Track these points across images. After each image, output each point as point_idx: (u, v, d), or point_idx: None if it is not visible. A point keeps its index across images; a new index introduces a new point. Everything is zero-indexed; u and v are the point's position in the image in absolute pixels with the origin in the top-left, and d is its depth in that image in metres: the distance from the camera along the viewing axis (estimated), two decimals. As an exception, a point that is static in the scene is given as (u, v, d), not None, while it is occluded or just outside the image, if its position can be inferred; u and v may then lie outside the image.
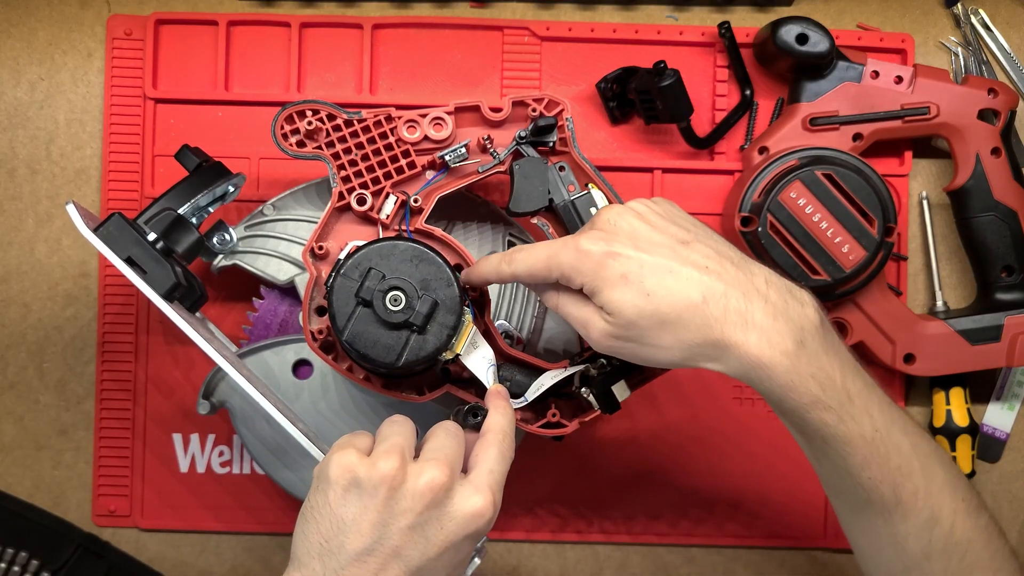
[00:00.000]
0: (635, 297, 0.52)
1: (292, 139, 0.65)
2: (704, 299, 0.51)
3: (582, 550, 0.78)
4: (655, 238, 0.53)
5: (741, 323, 0.51)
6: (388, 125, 0.65)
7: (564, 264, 0.54)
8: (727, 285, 0.52)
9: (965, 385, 0.77)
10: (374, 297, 0.59)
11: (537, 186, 0.65)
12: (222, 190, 0.67)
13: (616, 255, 0.52)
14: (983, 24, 0.79)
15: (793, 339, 0.51)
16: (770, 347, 0.51)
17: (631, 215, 0.54)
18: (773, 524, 0.78)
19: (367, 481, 0.51)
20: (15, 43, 0.78)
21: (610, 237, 0.53)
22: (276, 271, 0.70)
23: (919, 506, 0.55)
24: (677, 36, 0.78)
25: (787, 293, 0.53)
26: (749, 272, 0.53)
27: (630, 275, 0.52)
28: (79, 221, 0.60)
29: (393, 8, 0.79)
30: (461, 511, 0.52)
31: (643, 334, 0.52)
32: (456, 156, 0.65)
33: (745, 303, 0.51)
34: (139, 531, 0.77)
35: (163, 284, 0.60)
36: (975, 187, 0.75)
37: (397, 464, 0.51)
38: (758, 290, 0.52)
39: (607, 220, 0.54)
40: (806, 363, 0.51)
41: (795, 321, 0.52)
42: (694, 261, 0.52)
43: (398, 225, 0.65)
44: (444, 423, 0.57)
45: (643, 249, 0.52)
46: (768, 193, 0.71)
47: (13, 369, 0.78)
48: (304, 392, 0.70)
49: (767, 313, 0.51)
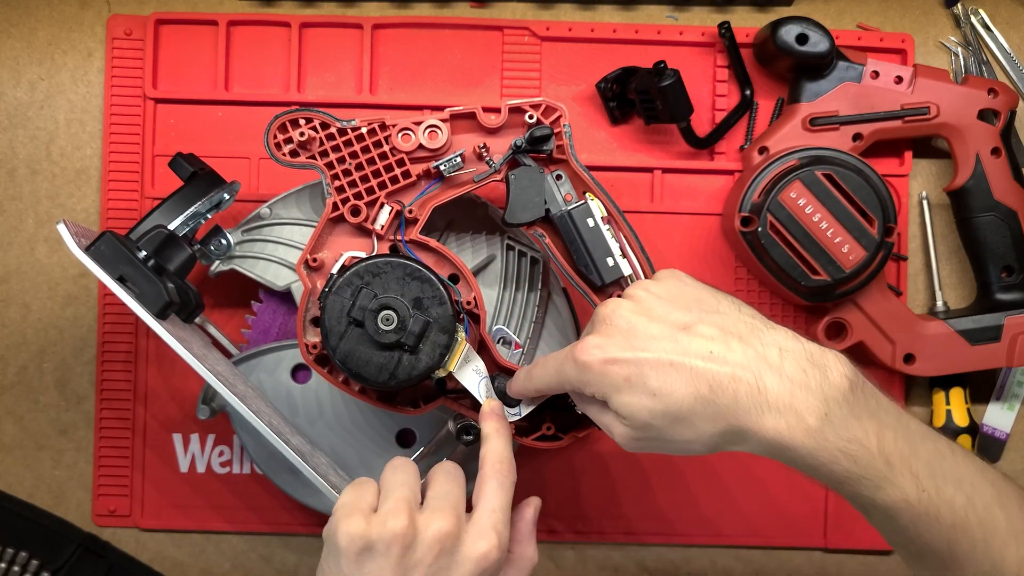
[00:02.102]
0: (642, 399, 0.50)
1: (285, 148, 0.64)
2: (711, 389, 0.49)
3: (582, 550, 0.78)
4: (653, 330, 0.51)
5: (754, 407, 0.49)
6: (382, 133, 0.64)
7: (571, 379, 0.53)
8: (734, 368, 0.49)
9: (965, 385, 0.77)
10: (366, 317, 0.58)
11: (533, 196, 0.64)
12: (217, 199, 0.67)
13: (615, 361, 0.51)
14: (983, 24, 0.79)
15: (815, 414, 0.49)
16: (788, 428, 0.48)
17: (628, 308, 0.53)
18: (773, 524, 0.78)
19: (379, 542, 0.51)
20: (15, 43, 0.78)
21: (606, 341, 0.52)
22: (274, 276, 0.70)
23: (978, 559, 0.52)
24: (677, 36, 0.78)
25: (806, 361, 0.50)
26: (760, 345, 0.50)
27: (632, 378, 0.50)
28: (70, 241, 0.59)
29: (393, 8, 0.79)
30: (470, 556, 0.53)
31: (662, 433, 0.51)
32: (451, 166, 0.64)
33: (756, 383, 0.49)
34: (139, 531, 0.77)
35: (155, 303, 0.60)
36: (975, 187, 0.75)
37: (406, 522, 0.52)
38: (771, 365, 0.49)
39: (603, 319, 0.53)
40: (833, 437, 0.49)
41: (817, 393, 0.49)
42: (696, 349, 0.50)
43: (393, 235, 0.64)
44: (443, 464, 0.57)
45: (640, 347, 0.51)
46: (768, 193, 0.71)
47: (13, 369, 0.78)
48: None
49: (782, 390, 0.49)
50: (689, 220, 0.78)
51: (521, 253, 0.69)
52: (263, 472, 0.72)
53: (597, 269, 0.64)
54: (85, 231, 0.63)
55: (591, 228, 0.64)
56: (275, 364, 0.70)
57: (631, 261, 0.64)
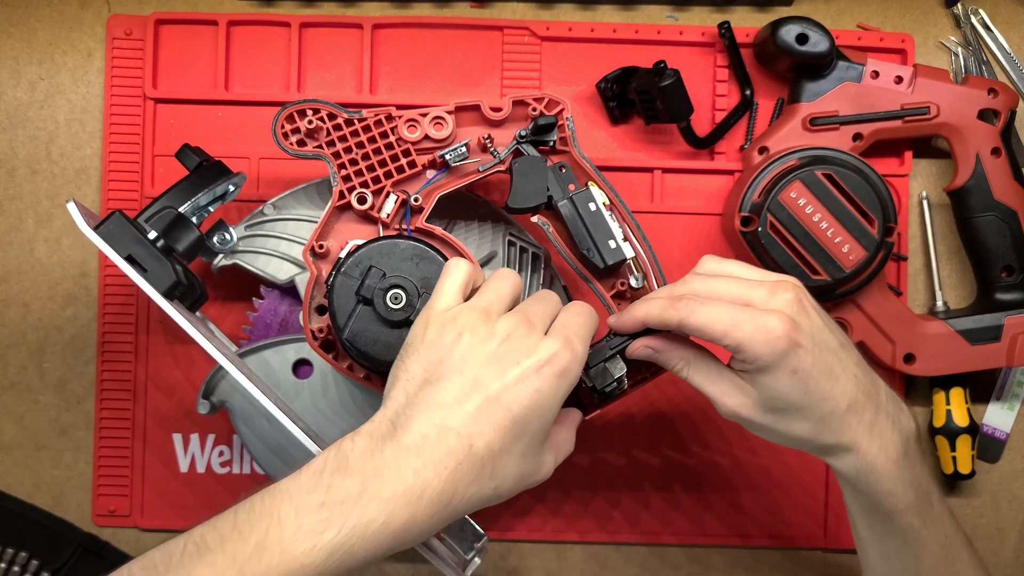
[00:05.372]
0: (796, 392, 0.55)
1: (292, 138, 0.65)
2: (849, 407, 0.56)
3: (582, 550, 0.78)
4: (826, 340, 0.56)
5: (868, 432, 0.56)
6: (388, 124, 0.65)
7: (747, 337, 0.54)
8: (867, 396, 0.56)
9: (965, 385, 0.77)
10: (375, 295, 0.60)
11: (536, 183, 0.65)
12: (222, 189, 0.67)
13: (798, 346, 0.54)
14: (983, 24, 0.79)
15: (900, 449, 0.57)
16: (885, 456, 0.56)
17: (806, 311, 0.56)
18: (773, 524, 0.78)
19: (464, 311, 0.54)
20: (15, 43, 0.78)
21: (795, 327, 0.54)
22: (276, 270, 0.70)
23: None
24: (677, 36, 0.78)
25: (896, 405, 0.58)
26: (876, 384, 0.58)
27: (800, 370, 0.54)
28: (80, 219, 0.60)
29: (393, 8, 0.79)
30: (541, 352, 0.53)
31: (781, 422, 0.57)
32: (456, 155, 0.65)
33: (874, 414, 0.56)
34: (139, 531, 0.77)
35: (164, 282, 0.61)
36: (975, 187, 0.75)
37: (491, 301, 0.55)
38: (882, 402, 0.57)
39: (787, 302, 0.55)
40: (908, 471, 0.57)
41: (903, 432, 0.57)
42: (850, 369, 0.56)
43: (398, 224, 0.65)
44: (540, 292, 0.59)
45: (817, 350, 0.55)
46: (768, 193, 0.71)
47: (13, 369, 0.78)
48: (304, 391, 0.70)
49: (886, 425, 0.57)
50: (689, 220, 0.78)
51: (523, 249, 0.70)
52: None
53: (599, 251, 0.65)
54: (94, 214, 0.64)
55: (593, 212, 0.65)
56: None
57: (633, 244, 0.66)
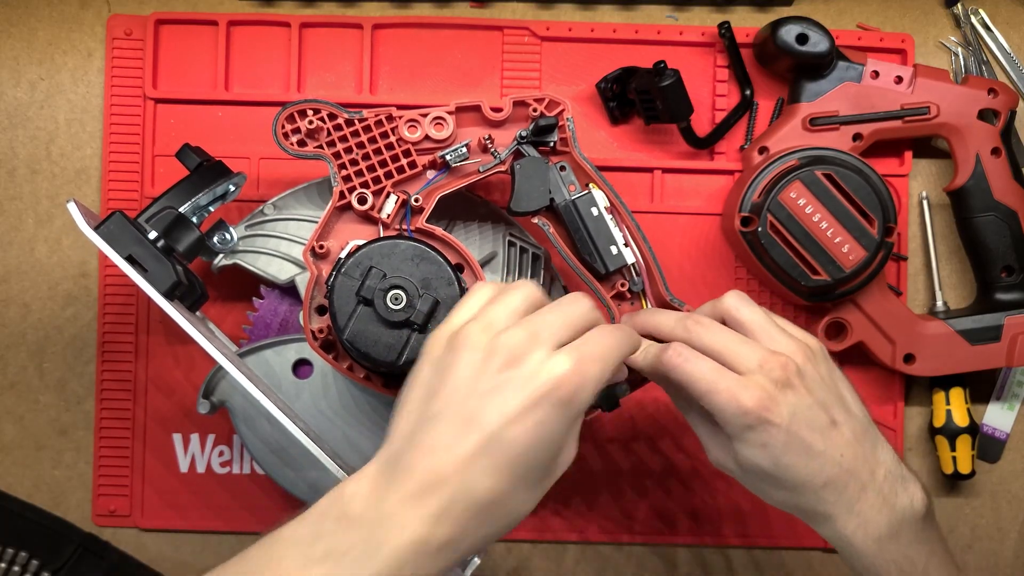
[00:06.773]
0: (766, 462, 0.55)
1: (293, 138, 0.65)
2: (825, 484, 0.55)
3: (582, 550, 0.78)
4: (812, 418, 0.55)
5: (848, 509, 0.55)
6: (389, 125, 0.65)
7: (720, 404, 0.54)
8: (852, 474, 0.55)
9: (965, 385, 0.77)
10: (375, 296, 0.60)
11: (538, 186, 0.65)
12: (223, 189, 0.67)
13: (768, 424, 0.54)
14: (983, 24, 0.79)
15: (889, 528, 0.56)
16: (864, 534, 0.56)
17: (793, 387, 0.55)
18: (773, 524, 0.78)
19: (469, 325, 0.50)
20: (15, 43, 0.78)
21: (771, 404, 0.54)
22: (277, 271, 0.70)
23: None
24: (677, 36, 0.78)
25: (900, 485, 0.57)
26: (875, 461, 0.56)
27: (769, 445, 0.54)
28: (80, 219, 0.60)
29: (393, 8, 0.79)
30: (544, 373, 0.48)
31: (758, 484, 0.58)
32: (457, 156, 0.65)
33: (859, 493, 0.55)
34: (139, 531, 0.77)
35: (164, 282, 0.60)
36: (975, 187, 0.75)
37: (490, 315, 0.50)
38: (875, 481, 0.56)
39: (775, 375, 0.55)
40: (893, 550, 0.56)
41: (898, 513, 0.56)
42: (836, 449, 0.55)
43: (399, 224, 0.65)
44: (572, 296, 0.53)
45: (795, 428, 0.54)
46: (768, 193, 0.71)
47: (13, 369, 0.78)
48: (304, 391, 0.70)
49: (874, 506, 0.56)
50: (689, 220, 0.78)
51: (523, 249, 0.70)
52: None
53: (601, 257, 0.65)
54: (94, 214, 0.64)
55: (595, 217, 0.65)
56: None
57: (634, 251, 0.66)
